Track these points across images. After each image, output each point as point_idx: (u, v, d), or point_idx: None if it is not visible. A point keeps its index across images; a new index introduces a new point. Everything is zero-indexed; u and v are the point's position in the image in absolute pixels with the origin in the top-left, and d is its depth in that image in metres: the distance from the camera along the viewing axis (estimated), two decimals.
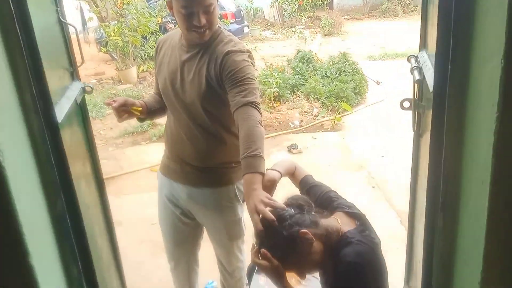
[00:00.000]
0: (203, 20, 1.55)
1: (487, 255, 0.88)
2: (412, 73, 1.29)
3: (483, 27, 0.88)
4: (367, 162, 4.32)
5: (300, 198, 1.45)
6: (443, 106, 0.98)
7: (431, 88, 1.04)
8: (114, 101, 1.71)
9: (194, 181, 1.81)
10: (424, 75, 1.19)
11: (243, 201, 1.92)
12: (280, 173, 1.55)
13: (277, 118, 5.46)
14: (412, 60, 1.34)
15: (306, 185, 1.62)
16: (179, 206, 1.93)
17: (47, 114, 1.01)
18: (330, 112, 5.55)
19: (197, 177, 1.80)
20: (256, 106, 1.56)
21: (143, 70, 7.61)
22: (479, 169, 0.90)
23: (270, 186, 1.50)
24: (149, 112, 1.86)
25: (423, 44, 1.37)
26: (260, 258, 1.35)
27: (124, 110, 1.73)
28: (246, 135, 1.50)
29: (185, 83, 1.70)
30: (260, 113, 1.58)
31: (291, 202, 1.42)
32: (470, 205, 0.96)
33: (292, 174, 1.67)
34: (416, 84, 1.27)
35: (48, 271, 0.97)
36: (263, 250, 1.32)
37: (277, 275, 1.36)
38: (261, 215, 1.36)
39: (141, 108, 1.79)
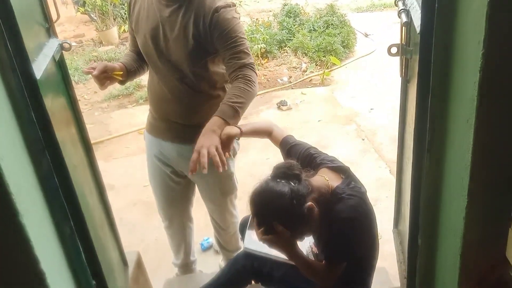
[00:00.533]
0: None
1: (471, 191, 0.90)
2: (399, 16, 1.26)
3: None
4: (357, 115, 4.34)
5: (293, 166, 1.43)
6: (430, 47, 0.97)
7: (418, 29, 1.02)
8: (93, 68, 1.64)
9: (182, 138, 1.80)
10: (411, 18, 1.17)
11: (234, 156, 1.93)
12: (240, 131, 1.54)
13: (265, 75, 5.40)
14: (400, 3, 1.31)
15: (287, 145, 1.62)
16: (169, 164, 1.92)
17: (25, 71, 0.97)
18: (319, 67, 5.49)
19: (185, 134, 1.78)
20: (252, 67, 1.59)
21: (124, 30, 7.34)
22: (464, 108, 0.90)
23: (224, 141, 1.49)
24: (129, 73, 1.81)
25: None
26: (263, 235, 1.39)
27: (105, 77, 1.67)
28: (237, 89, 1.55)
29: (168, 41, 1.63)
30: (256, 74, 1.61)
31: (287, 172, 1.39)
32: (456, 144, 0.97)
33: (269, 134, 1.66)
34: (403, 28, 1.24)
35: (39, 229, 0.97)
36: (278, 225, 1.35)
37: (289, 245, 1.41)
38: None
39: (122, 72, 1.73)
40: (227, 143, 1.51)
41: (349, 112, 4.45)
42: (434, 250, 1.16)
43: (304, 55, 5.69)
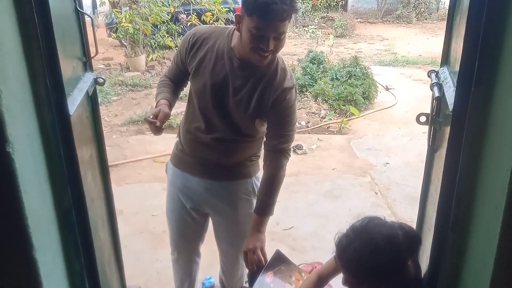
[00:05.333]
0: (271, 46, 1.48)
1: (495, 280, 0.87)
2: (431, 89, 1.26)
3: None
4: (371, 168, 4.30)
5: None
6: (462, 127, 0.96)
7: (450, 107, 1.02)
8: (156, 116, 1.58)
9: (213, 175, 1.82)
10: (444, 92, 1.17)
11: (255, 196, 1.93)
12: None
13: None
14: (433, 75, 1.32)
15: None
16: (192, 199, 1.91)
17: (60, 107, 0.99)
18: (338, 115, 5.52)
19: (217, 172, 1.81)
20: (288, 153, 1.74)
21: (152, 58, 7.59)
22: (494, 194, 0.88)
23: None
24: (170, 108, 1.79)
25: (445, 60, 1.35)
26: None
27: (162, 124, 1.62)
28: (274, 184, 1.74)
29: (229, 100, 1.66)
30: (288, 157, 1.76)
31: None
32: (482, 229, 0.94)
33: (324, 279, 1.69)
34: (435, 101, 1.25)
35: (51, 266, 0.96)
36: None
37: None
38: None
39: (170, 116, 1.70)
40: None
41: (364, 163, 4.41)
42: None
43: (324, 102, 5.75)
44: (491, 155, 0.91)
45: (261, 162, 1.96)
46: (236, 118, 1.69)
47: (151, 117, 1.57)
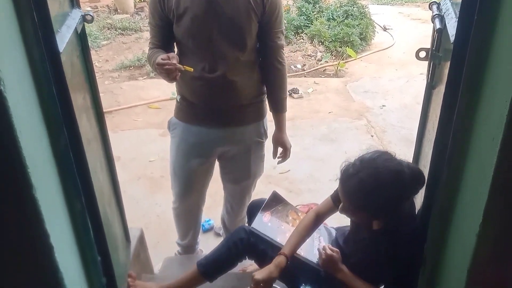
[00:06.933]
0: None
1: (488, 209, 0.89)
2: (432, 21, 1.23)
3: None
4: (368, 111, 4.31)
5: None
6: (463, 59, 0.94)
7: (452, 38, 1.00)
8: (169, 59, 1.52)
9: (227, 122, 1.84)
10: (445, 24, 1.14)
11: (265, 139, 2.01)
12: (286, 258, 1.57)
13: None
14: (434, 7, 1.27)
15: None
16: (207, 152, 1.92)
17: (49, 43, 0.95)
18: (334, 57, 5.43)
19: (231, 117, 1.83)
20: (283, 46, 1.82)
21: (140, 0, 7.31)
22: (491, 126, 0.88)
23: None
24: None
25: None
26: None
27: (177, 69, 1.55)
28: (282, 77, 1.85)
29: (222, 16, 1.61)
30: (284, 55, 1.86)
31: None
32: (477, 161, 0.95)
33: (320, 216, 1.69)
34: (435, 33, 1.21)
35: (51, 205, 0.97)
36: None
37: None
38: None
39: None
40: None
41: (360, 106, 4.41)
42: (441, 264, 1.15)
43: (320, 43, 5.63)
44: (491, 87, 0.90)
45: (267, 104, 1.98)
46: (236, 31, 1.65)
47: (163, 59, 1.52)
